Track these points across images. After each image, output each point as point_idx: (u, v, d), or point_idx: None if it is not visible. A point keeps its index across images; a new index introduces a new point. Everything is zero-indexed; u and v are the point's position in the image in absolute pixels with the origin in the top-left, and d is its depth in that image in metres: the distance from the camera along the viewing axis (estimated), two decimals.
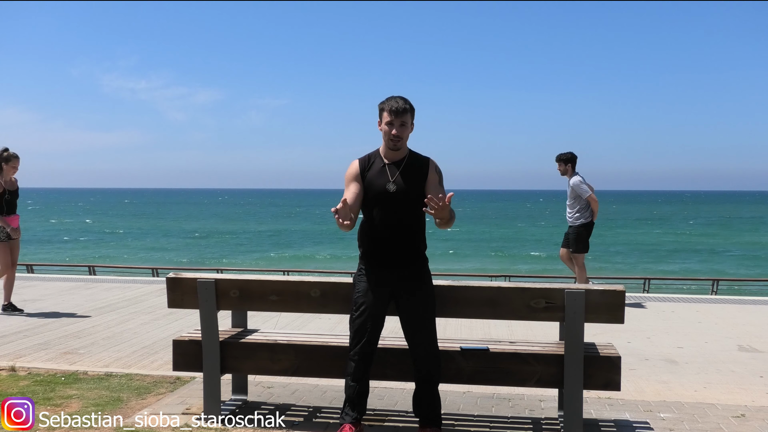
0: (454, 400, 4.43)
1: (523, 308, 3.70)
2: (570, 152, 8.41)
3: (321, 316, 7.18)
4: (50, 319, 7.13)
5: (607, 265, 37.37)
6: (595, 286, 3.70)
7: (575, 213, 8.34)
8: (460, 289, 3.77)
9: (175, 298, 3.96)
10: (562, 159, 8.39)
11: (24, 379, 4.83)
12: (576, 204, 8.32)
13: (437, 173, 3.67)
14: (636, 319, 7.46)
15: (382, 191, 3.58)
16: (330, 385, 4.67)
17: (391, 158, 3.64)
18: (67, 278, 10.87)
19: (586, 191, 8.19)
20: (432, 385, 3.66)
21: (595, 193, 8.33)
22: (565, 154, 8.38)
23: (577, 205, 8.31)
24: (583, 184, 8.23)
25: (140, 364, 5.39)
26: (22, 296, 8.61)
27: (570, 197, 8.37)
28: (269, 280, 3.94)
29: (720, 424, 4.06)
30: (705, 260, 39.42)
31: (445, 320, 6.18)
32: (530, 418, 4.14)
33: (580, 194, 8.23)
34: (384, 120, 3.58)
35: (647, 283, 13.94)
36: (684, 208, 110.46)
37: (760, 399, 4.67)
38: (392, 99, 3.59)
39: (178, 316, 7.31)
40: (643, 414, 4.23)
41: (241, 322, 4.39)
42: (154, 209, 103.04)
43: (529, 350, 3.83)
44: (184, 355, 4.04)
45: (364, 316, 3.59)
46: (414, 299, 3.60)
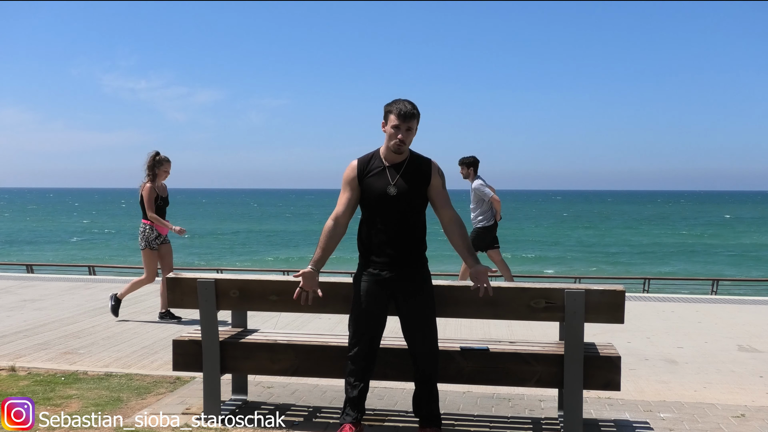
0: (454, 400, 4.43)
1: (523, 308, 3.70)
2: (472, 156, 8.60)
3: (321, 316, 7.18)
4: (50, 319, 7.13)
5: (607, 265, 37.37)
6: (593, 286, 3.70)
7: (478, 216, 8.55)
8: (460, 289, 3.77)
9: (175, 298, 3.96)
10: (464, 163, 8.57)
11: (24, 379, 4.83)
12: (478, 207, 8.54)
13: (440, 176, 3.65)
14: (636, 319, 7.46)
15: (383, 194, 3.55)
16: (330, 385, 4.67)
17: (392, 160, 3.60)
18: (67, 278, 10.87)
19: (488, 193, 8.42)
20: (431, 386, 3.66)
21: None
22: (467, 158, 8.57)
23: (479, 208, 8.54)
24: (484, 186, 8.45)
25: (140, 364, 5.39)
26: (22, 296, 8.61)
27: (473, 200, 8.57)
28: (269, 280, 3.94)
29: (720, 424, 4.06)
30: (705, 260, 39.42)
31: (445, 320, 6.18)
32: (530, 418, 4.14)
33: (482, 197, 8.45)
34: (390, 122, 3.53)
35: (647, 283, 13.96)
36: (684, 209, 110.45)
37: (760, 399, 4.67)
38: (400, 102, 3.55)
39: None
40: (643, 414, 4.23)
41: (241, 322, 4.39)
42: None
43: (529, 350, 3.83)
44: (184, 355, 4.04)
45: (363, 317, 3.59)
46: (413, 300, 3.59)
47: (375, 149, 3.69)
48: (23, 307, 7.80)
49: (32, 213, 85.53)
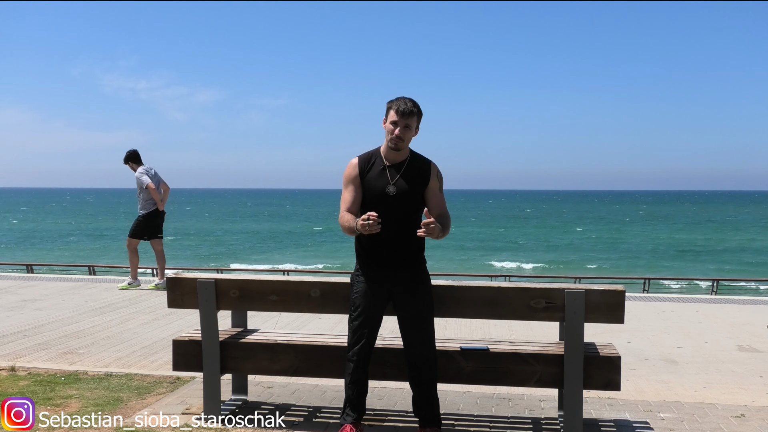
0: (454, 400, 4.43)
1: (523, 308, 3.70)
2: (129, 150, 9.27)
3: (321, 316, 7.18)
4: (50, 319, 7.13)
5: (608, 265, 37.37)
6: (593, 286, 3.69)
7: (140, 203, 9.16)
8: (460, 289, 3.77)
9: (175, 298, 3.96)
10: (125, 159, 9.30)
11: (24, 379, 4.83)
12: (140, 195, 9.15)
13: (438, 179, 3.64)
14: (636, 319, 7.45)
15: (382, 194, 3.54)
16: (330, 385, 4.67)
17: (392, 160, 3.60)
18: (67, 278, 10.86)
19: (145, 181, 8.98)
20: (430, 386, 3.65)
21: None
22: (125, 155, 9.28)
23: (142, 195, 9.12)
24: (144, 175, 9.03)
25: (140, 364, 5.39)
26: (22, 296, 8.61)
27: (138, 189, 9.15)
28: (269, 280, 3.94)
29: (720, 424, 4.06)
30: (705, 260, 39.42)
31: (445, 320, 6.18)
32: (530, 418, 4.14)
33: (140, 185, 9.04)
34: (389, 118, 3.54)
35: (647, 283, 13.96)
36: (684, 209, 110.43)
37: (760, 399, 4.67)
38: (401, 99, 3.55)
39: (178, 316, 7.31)
40: (643, 414, 4.23)
41: (241, 322, 4.39)
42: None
43: (529, 350, 3.83)
44: (184, 355, 4.04)
45: (362, 317, 3.58)
46: (412, 300, 3.58)
47: (375, 148, 3.68)
48: (23, 307, 7.80)
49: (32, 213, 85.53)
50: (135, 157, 9.21)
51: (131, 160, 9.21)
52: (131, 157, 9.21)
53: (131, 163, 9.23)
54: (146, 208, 9.09)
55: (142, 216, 9.11)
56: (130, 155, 9.21)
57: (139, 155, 9.24)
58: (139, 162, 9.20)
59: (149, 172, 9.08)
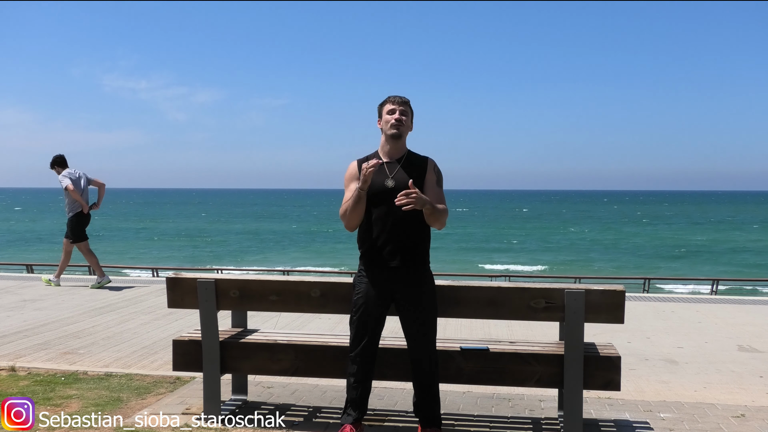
0: (454, 400, 4.43)
1: (523, 308, 3.70)
2: (56, 155, 9.44)
3: (321, 316, 7.18)
4: (50, 319, 7.13)
5: (608, 265, 37.37)
6: (593, 286, 3.69)
7: (66, 206, 9.37)
8: (460, 289, 3.77)
9: (175, 298, 3.96)
10: (51, 163, 9.47)
11: (24, 379, 4.83)
12: (66, 197, 9.35)
13: (435, 173, 3.64)
14: (636, 319, 7.45)
15: (381, 188, 3.53)
16: (330, 385, 4.67)
17: (390, 156, 3.61)
18: (67, 278, 10.85)
19: (65, 183, 9.15)
20: (431, 386, 3.65)
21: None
22: (52, 158, 9.45)
23: (66, 198, 9.33)
24: (65, 178, 9.19)
25: (140, 364, 5.38)
26: (22, 296, 8.61)
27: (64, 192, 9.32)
28: (269, 280, 3.94)
29: (720, 424, 4.06)
30: (705, 260, 39.42)
31: (445, 320, 6.18)
32: (530, 418, 4.14)
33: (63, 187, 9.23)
34: (385, 111, 3.59)
35: (647, 283, 13.95)
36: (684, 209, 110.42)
37: (760, 399, 4.67)
38: (392, 96, 3.62)
39: (178, 316, 7.31)
40: (643, 414, 4.23)
41: (241, 322, 4.39)
42: (154, 209, 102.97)
43: (529, 350, 3.83)
44: (184, 355, 4.04)
45: (364, 317, 3.57)
46: (414, 299, 3.57)
47: (372, 151, 3.70)
48: (23, 307, 7.80)
49: (31, 213, 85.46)
50: (61, 161, 9.41)
51: (57, 165, 9.41)
52: (57, 162, 9.41)
53: (56, 167, 9.42)
54: (73, 210, 9.32)
55: (71, 218, 9.34)
56: (56, 160, 9.42)
57: (65, 160, 9.43)
58: (64, 166, 9.39)
59: (72, 176, 9.25)
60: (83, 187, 9.34)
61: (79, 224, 9.37)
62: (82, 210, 9.31)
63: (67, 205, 9.37)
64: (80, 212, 9.33)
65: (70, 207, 9.33)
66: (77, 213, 9.32)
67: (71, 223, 9.37)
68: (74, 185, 9.16)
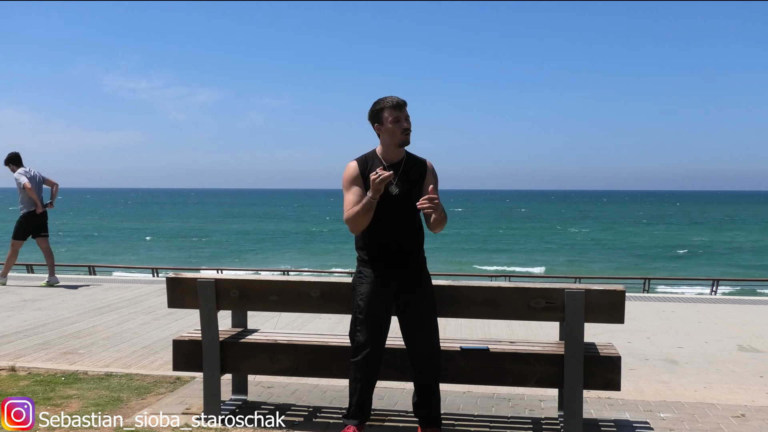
0: (454, 400, 4.43)
1: (523, 308, 3.70)
2: (11, 153, 9.50)
3: (321, 316, 7.18)
4: (50, 319, 7.13)
5: (608, 265, 37.39)
6: (593, 286, 3.69)
7: (20, 204, 9.42)
8: (460, 289, 3.77)
9: (175, 298, 3.96)
10: (5, 161, 9.50)
11: (24, 379, 4.83)
12: (19, 195, 9.40)
13: (433, 176, 3.63)
14: (636, 319, 7.46)
15: (385, 194, 3.49)
16: (330, 385, 4.67)
17: (390, 159, 3.57)
18: (67, 278, 10.86)
19: (23, 181, 9.21)
20: (432, 386, 3.64)
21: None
22: (7, 156, 9.49)
23: (20, 195, 9.38)
24: (22, 176, 9.24)
25: (140, 364, 5.39)
26: (23, 296, 8.61)
27: (18, 190, 9.40)
28: (269, 280, 3.94)
29: (720, 424, 4.06)
30: (705, 260, 39.44)
31: (445, 320, 6.18)
32: (530, 418, 4.14)
33: (18, 185, 9.29)
34: (388, 118, 3.49)
35: (647, 283, 13.96)
36: (684, 209, 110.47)
37: (760, 399, 4.67)
38: (386, 97, 3.52)
39: (178, 316, 7.31)
40: (643, 414, 4.23)
41: (241, 322, 4.39)
42: (154, 209, 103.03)
43: (529, 350, 3.83)
44: (184, 355, 4.04)
45: (368, 320, 3.54)
46: (414, 300, 3.57)
47: (370, 151, 3.64)
48: (23, 307, 7.80)
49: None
50: (16, 159, 9.45)
51: (12, 162, 9.44)
52: (11, 159, 9.45)
53: (11, 164, 9.46)
54: (27, 208, 9.36)
55: (23, 216, 9.39)
56: (11, 157, 9.46)
57: (20, 158, 9.48)
58: (19, 164, 9.44)
59: (28, 174, 9.30)
60: (40, 185, 9.44)
61: (29, 222, 9.40)
62: (36, 209, 9.34)
63: (21, 201, 9.41)
64: (33, 211, 9.36)
65: (26, 205, 9.37)
66: (30, 211, 9.37)
67: (22, 221, 9.41)
68: (30, 184, 9.21)
